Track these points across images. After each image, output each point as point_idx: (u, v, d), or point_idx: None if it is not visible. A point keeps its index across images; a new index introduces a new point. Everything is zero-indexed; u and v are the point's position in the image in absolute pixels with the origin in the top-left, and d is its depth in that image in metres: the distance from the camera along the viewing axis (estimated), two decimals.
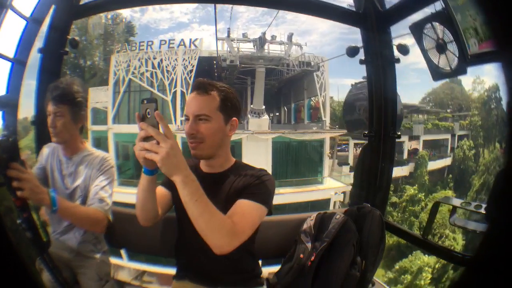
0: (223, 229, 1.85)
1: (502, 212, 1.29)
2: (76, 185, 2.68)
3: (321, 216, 2.73)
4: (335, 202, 25.81)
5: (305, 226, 2.72)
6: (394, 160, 3.74)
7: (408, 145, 33.22)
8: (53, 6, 3.40)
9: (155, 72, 26.64)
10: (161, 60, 26.66)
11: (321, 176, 27.67)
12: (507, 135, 1.26)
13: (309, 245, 2.58)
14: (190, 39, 27.63)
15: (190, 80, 25.88)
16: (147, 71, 26.69)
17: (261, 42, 26.90)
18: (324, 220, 2.67)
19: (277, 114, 39.27)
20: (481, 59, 2.44)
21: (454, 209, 2.76)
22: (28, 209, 2.01)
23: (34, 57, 3.40)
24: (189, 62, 26.52)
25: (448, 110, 33.38)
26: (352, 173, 26.49)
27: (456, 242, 21.70)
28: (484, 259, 1.29)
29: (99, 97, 27.61)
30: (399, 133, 3.55)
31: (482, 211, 2.41)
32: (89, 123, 25.24)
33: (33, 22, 3.33)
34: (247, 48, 28.14)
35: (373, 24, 3.42)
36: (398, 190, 27.42)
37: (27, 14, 3.28)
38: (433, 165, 30.76)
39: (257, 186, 2.17)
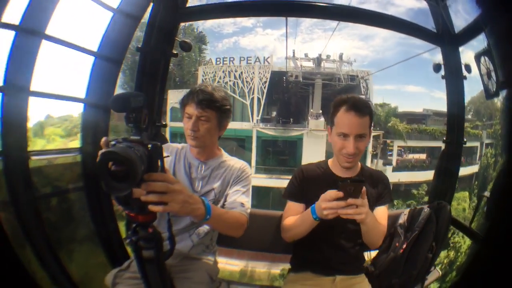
0: (383, 234, 2.16)
1: (501, 209, 1.51)
2: (210, 188, 2.15)
3: (412, 210, 2.59)
4: None
5: (400, 220, 2.53)
6: (460, 162, 3.54)
7: None
8: (151, 4, 2.79)
9: (237, 82, 27.21)
10: (241, 72, 27.20)
11: None
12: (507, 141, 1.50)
13: (402, 236, 2.41)
14: (264, 57, 27.81)
15: (264, 89, 26.66)
16: (230, 81, 27.33)
17: (318, 61, 27.86)
18: (415, 214, 2.52)
19: None
20: (505, 86, 2.50)
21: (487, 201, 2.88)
22: (152, 224, 1.35)
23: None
24: (264, 75, 26.98)
25: (484, 119, 30.59)
26: (394, 173, 25.81)
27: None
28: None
29: (177, 98, 27.87)
30: (465, 140, 3.36)
31: None
32: (168, 120, 24.97)
33: (123, 15, 2.71)
34: (308, 65, 28.40)
35: (449, 45, 3.21)
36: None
37: (114, 5, 2.66)
38: (463, 171, 27.51)
39: (388, 191, 2.25)
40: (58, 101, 2.64)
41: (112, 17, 2.67)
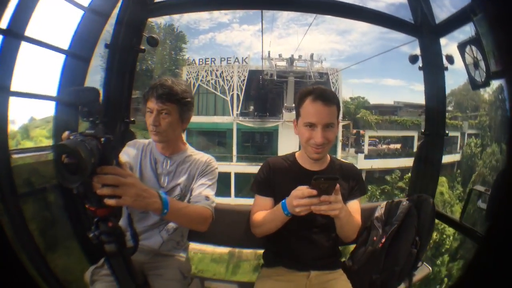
0: (357, 228, 1.92)
1: (502, 211, 1.27)
2: (176, 184, 1.96)
3: (389, 204, 2.37)
4: None
5: (377, 214, 2.32)
6: (442, 155, 3.17)
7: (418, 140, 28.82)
8: (120, 1, 2.55)
9: (218, 80, 27.36)
10: (222, 72, 27.37)
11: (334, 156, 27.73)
12: (508, 138, 1.27)
13: (380, 229, 2.20)
14: (242, 58, 28.21)
15: (243, 86, 27.07)
16: (211, 79, 27.49)
17: (291, 60, 28.11)
18: (392, 207, 2.31)
19: None
20: (498, 75, 2.35)
21: (480, 195, 2.56)
22: (113, 218, 1.26)
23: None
24: (242, 74, 27.28)
25: (468, 111, 28.85)
26: (366, 160, 26.06)
27: None
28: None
29: None
30: (447, 131, 3.01)
31: None
32: None
33: (93, 13, 2.47)
34: (282, 64, 28.57)
35: (427, 36, 2.91)
36: (403, 178, 24.58)
37: (85, 3, 2.43)
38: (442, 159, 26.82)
39: (362, 184, 2.03)
40: (32, 100, 2.44)
41: (83, 15, 2.44)
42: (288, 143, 22.64)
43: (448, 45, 2.98)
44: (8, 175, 2.01)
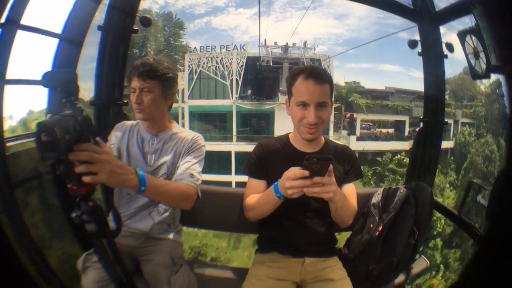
0: (353, 213, 1.75)
1: (502, 211, 1.21)
2: (162, 162, 1.86)
3: (387, 190, 2.14)
4: None
5: (374, 200, 2.10)
6: (441, 144, 3.00)
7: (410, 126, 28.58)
8: None
9: (218, 66, 27.44)
10: (222, 58, 27.46)
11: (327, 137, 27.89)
12: (507, 136, 1.27)
13: (377, 217, 2.01)
14: (240, 45, 28.15)
15: (241, 72, 27.24)
16: (212, 65, 27.54)
17: (285, 48, 28.37)
18: (389, 194, 2.09)
19: None
20: (498, 70, 2.16)
21: (480, 189, 2.41)
22: (93, 197, 1.18)
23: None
24: (240, 60, 27.42)
25: (464, 100, 27.42)
26: (358, 142, 26.08)
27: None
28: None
29: None
30: (446, 120, 2.85)
31: None
32: None
33: None
34: (277, 51, 28.71)
35: (427, 22, 2.72)
36: (393, 159, 24.72)
37: None
38: None
39: (357, 166, 1.84)
40: (28, 94, 2.45)
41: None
42: (283, 124, 22.62)
43: (447, 33, 2.81)
44: (3, 164, 1.89)
